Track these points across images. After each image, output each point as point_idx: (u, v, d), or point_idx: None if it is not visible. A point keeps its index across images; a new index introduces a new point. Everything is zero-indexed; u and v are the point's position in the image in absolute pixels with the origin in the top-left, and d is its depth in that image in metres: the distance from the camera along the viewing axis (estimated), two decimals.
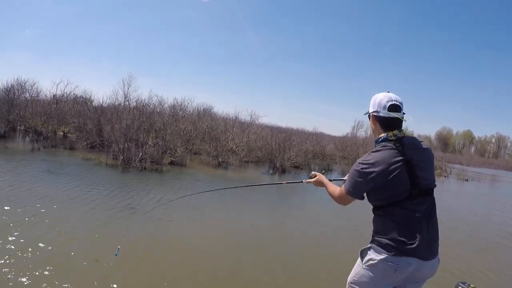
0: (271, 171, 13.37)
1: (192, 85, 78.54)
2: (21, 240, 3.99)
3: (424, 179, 1.85)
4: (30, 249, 3.79)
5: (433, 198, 1.92)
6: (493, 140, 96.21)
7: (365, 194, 1.98)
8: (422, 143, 1.94)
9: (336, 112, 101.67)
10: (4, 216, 4.74)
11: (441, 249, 1.92)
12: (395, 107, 1.92)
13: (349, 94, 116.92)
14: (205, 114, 19.07)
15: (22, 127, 15.73)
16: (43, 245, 3.96)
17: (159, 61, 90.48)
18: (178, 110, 16.61)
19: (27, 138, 14.74)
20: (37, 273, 3.31)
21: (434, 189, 1.93)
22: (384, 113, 1.92)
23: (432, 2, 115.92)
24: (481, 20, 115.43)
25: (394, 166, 1.80)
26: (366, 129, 54.28)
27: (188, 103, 19.48)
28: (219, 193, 7.84)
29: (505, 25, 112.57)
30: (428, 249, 1.82)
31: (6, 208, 5.07)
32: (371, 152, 1.92)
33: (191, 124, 14.28)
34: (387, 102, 1.93)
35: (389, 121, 1.93)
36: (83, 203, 5.90)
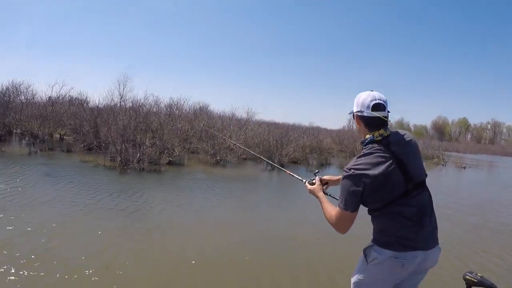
0: (269, 167, 13.41)
1: (187, 84, 78.45)
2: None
3: (416, 173, 1.85)
4: (32, 256, 3.83)
5: (427, 188, 1.92)
6: (489, 127, 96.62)
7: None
8: (405, 135, 1.93)
9: (332, 105, 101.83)
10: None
11: (451, 237, 1.94)
12: (379, 106, 1.87)
13: (345, 85, 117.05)
14: (202, 113, 19.02)
15: (18, 130, 15.64)
16: (48, 253, 3.99)
17: (153, 59, 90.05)
18: (175, 109, 16.56)
19: (24, 142, 14.68)
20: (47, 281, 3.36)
21: (438, 179, 1.90)
22: (367, 113, 1.88)
23: None
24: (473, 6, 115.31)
25: (386, 167, 1.78)
26: None
27: (184, 102, 19.41)
28: (221, 193, 7.93)
29: (495, 14, 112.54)
30: (430, 239, 1.86)
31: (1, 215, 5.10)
32: (359, 156, 1.87)
33: (188, 123, 14.26)
34: (370, 101, 1.88)
35: (373, 121, 1.88)
36: (83, 208, 5.92)
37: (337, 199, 1.93)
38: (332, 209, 1.95)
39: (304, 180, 2.42)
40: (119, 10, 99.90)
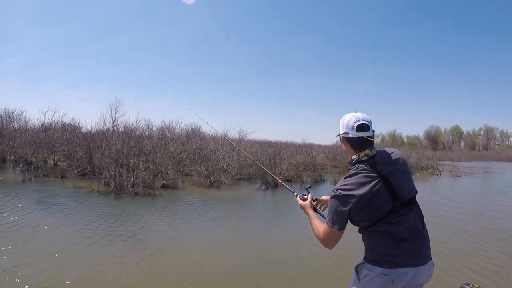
0: (263, 187, 13.49)
1: (180, 106, 78.77)
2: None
3: (404, 190, 1.90)
4: None
5: (417, 205, 1.97)
6: (482, 133, 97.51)
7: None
8: (392, 154, 1.97)
9: (324, 120, 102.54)
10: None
11: (450, 246, 1.99)
12: (363, 127, 1.94)
13: (338, 99, 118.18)
14: (194, 135, 19.12)
15: (12, 157, 15.68)
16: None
17: (144, 84, 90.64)
18: (167, 132, 16.69)
19: (18, 168, 14.70)
20: None
21: (434, 189, 1.95)
22: (353, 134, 1.95)
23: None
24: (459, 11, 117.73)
25: (371, 187, 1.84)
26: None
27: (176, 125, 19.66)
28: (219, 214, 8.01)
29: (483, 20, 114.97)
30: (421, 256, 1.89)
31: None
32: (346, 177, 1.94)
33: (181, 145, 14.37)
34: (354, 122, 1.95)
35: (359, 141, 1.95)
36: (86, 235, 6.02)
37: (325, 218, 2.02)
38: (320, 226, 2.03)
39: (295, 193, 2.50)
40: (109, 34, 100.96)
